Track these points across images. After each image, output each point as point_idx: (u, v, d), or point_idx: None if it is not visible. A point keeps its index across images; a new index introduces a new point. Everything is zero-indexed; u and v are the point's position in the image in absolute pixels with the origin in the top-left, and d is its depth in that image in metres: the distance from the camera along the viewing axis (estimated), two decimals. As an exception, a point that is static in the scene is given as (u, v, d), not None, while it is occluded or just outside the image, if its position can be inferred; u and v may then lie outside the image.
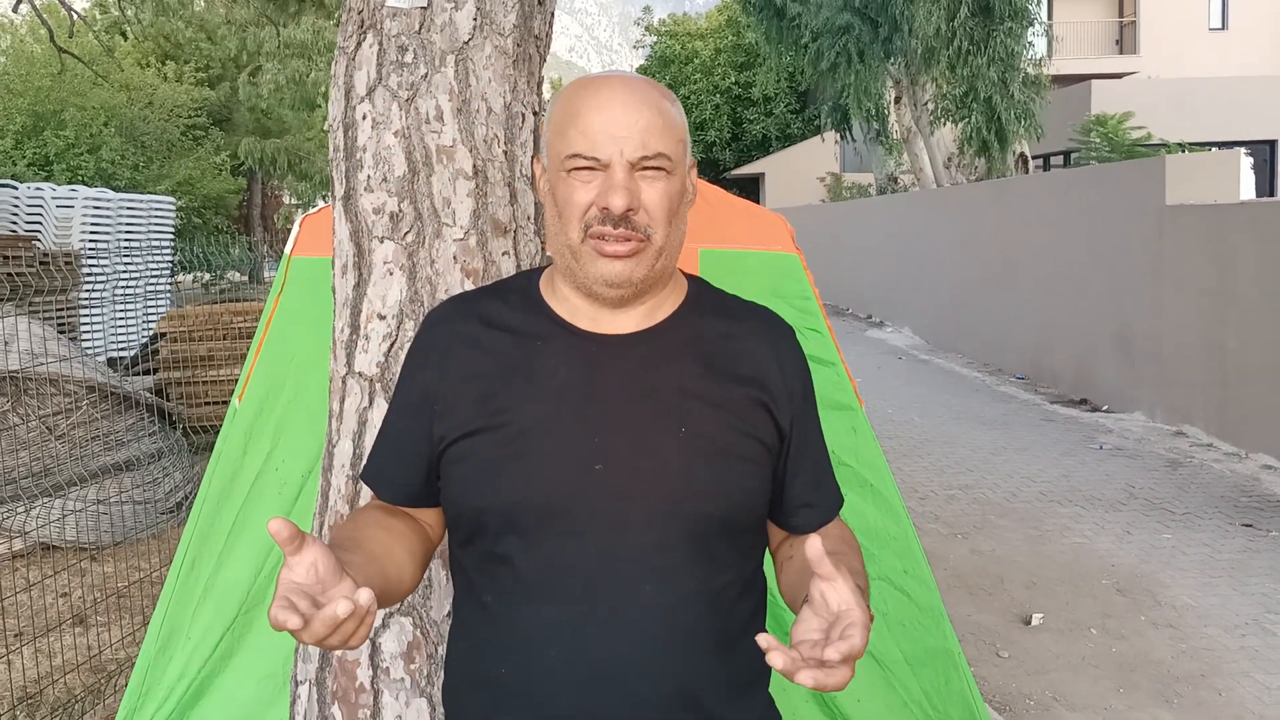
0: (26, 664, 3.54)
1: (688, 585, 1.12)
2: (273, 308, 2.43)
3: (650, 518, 1.10)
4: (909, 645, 2.27)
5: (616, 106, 1.10)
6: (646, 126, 1.10)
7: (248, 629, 2.21)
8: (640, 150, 1.10)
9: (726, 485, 1.13)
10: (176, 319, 7.14)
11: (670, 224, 1.14)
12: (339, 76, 1.78)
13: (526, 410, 1.13)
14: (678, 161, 1.14)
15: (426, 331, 1.24)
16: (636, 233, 1.11)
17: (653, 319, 1.19)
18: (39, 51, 18.94)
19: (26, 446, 5.15)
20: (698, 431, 1.13)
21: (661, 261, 1.14)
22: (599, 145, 1.10)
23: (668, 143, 1.12)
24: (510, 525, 1.12)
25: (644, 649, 1.10)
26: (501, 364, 1.16)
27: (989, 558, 4.70)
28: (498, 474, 1.12)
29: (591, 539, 1.10)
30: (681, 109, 1.18)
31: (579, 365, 1.15)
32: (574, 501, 1.10)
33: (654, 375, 1.15)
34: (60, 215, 9.65)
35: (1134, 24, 24.57)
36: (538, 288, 1.23)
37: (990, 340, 10.59)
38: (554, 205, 1.15)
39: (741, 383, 1.17)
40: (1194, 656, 3.65)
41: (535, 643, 1.11)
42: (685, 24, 35.87)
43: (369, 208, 1.72)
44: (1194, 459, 6.38)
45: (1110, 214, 8.16)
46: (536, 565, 1.11)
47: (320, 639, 0.90)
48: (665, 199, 1.12)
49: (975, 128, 13.75)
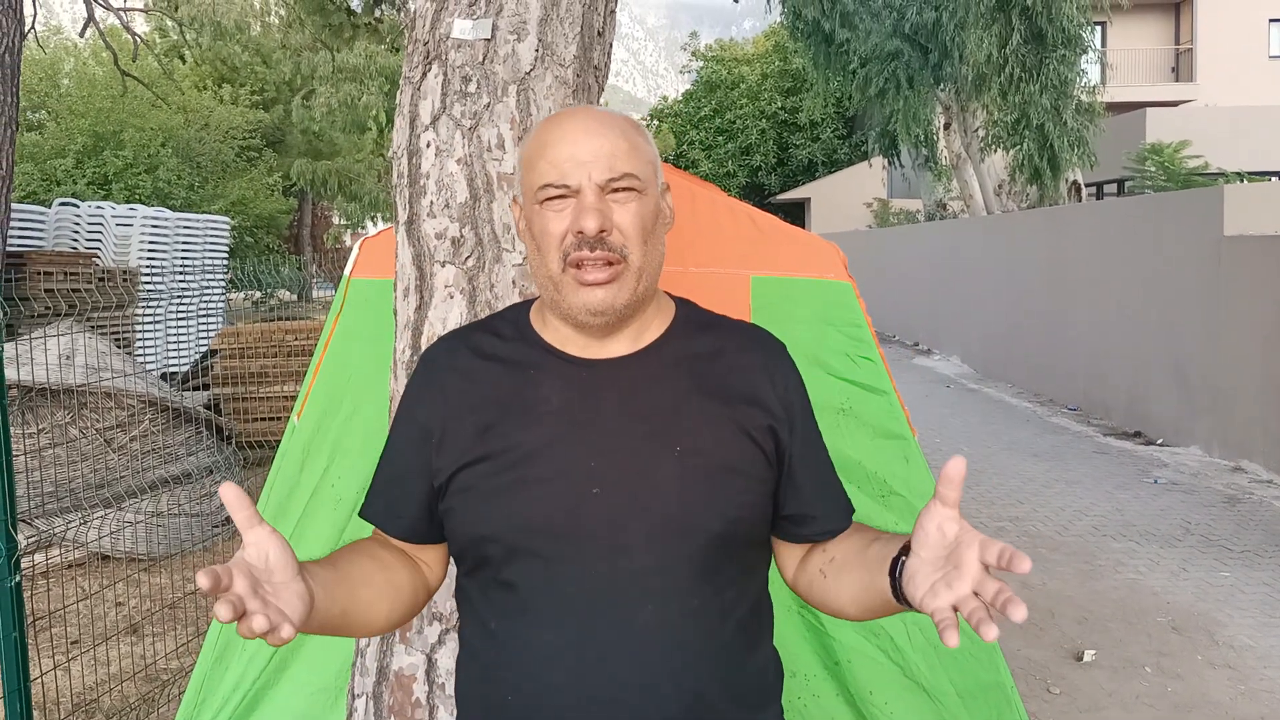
0: (85, 671, 3.61)
1: (690, 604, 1.13)
2: (332, 327, 2.48)
3: (649, 538, 1.11)
4: (960, 678, 2.24)
5: (580, 134, 1.14)
6: (612, 150, 1.14)
7: (302, 642, 2.25)
8: (608, 173, 1.13)
9: (724, 501, 1.14)
10: (231, 336, 7.29)
11: (646, 244, 1.15)
12: (404, 105, 1.83)
13: (523, 438, 1.15)
14: (648, 182, 1.16)
15: (423, 369, 1.26)
16: (613, 253, 1.13)
17: (641, 342, 1.20)
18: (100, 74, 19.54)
19: (85, 459, 5.28)
20: (693, 449, 1.14)
21: (642, 284, 1.16)
22: (568, 173, 1.13)
23: (635, 164, 1.15)
24: (511, 551, 1.13)
25: (647, 670, 1.10)
26: (497, 394, 1.18)
27: (1040, 592, 4.62)
28: (497, 502, 1.14)
29: (591, 562, 1.11)
30: (650, 137, 1.21)
31: (572, 391, 1.17)
32: (573, 525, 1.12)
33: (646, 396, 1.17)
34: (120, 233, 9.92)
35: (1190, 51, 24.24)
36: (528, 319, 1.25)
37: (1041, 370, 10.44)
38: (532, 239, 1.18)
39: (734, 399, 1.18)
40: (1254, 699, 3.55)
41: (539, 666, 1.12)
42: (732, 49, 36.01)
43: (431, 233, 1.76)
44: (1253, 495, 6.23)
45: (1166, 244, 8.03)
46: (538, 589, 1.13)
47: (224, 620, 0.88)
48: (638, 219, 1.15)
49: (1027, 155, 13.63)
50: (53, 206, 9.80)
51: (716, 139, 32.12)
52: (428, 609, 1.66)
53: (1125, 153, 15.76)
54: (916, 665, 2.23)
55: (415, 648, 1.65)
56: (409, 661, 1.65)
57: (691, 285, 1.39)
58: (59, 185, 16.34)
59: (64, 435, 5.31)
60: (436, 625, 1.65)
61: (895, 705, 2.22)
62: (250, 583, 0.91)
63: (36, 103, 18.88)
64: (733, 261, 2.43)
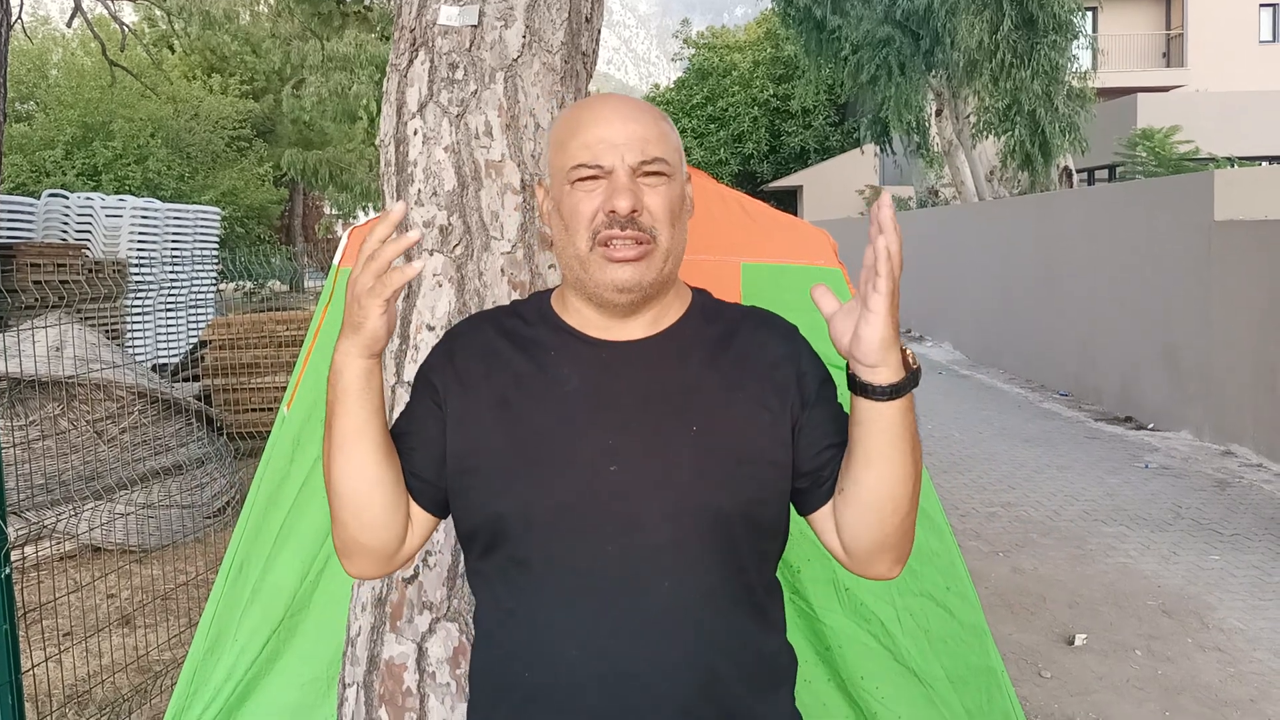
0: (77, 663, 3.61)
1: (705, 582, 1.14)
2: (321, 317, 2.46)
3: (664, 516, 1.13)
4: (951, 663, 2.25)
5: (615, 119, 1.18)
6: (644, 135, 1.17)
7: (293, 633, 2.24)
8: (640, 155, 1.16)
9: (739, 481, 1.15)
10: (221, 327, 7.27)
11: (673, 226, 1.19)
12: (391, 93, 1.82)
13: (542, 416, 1.17)
14: (675, 168, 1.20)
15: (445, 343, 1.29)
16: (643, 233, 1.15)
17: (659, 325, 1.22)
18: (89, 65, 19.42)
19: (76, 450, 5.27)
20: (709, 429, 1.16)
21: (668, 265, 1.19)
22: (601, 154, 1.16)
23: (665, 149, 1.19)
24: (528, 529, 1.15)
25: (662, 646, 1.12)
26: (516, 374, 1.21)
27: (1031, 576, 4.64)
28: (515, 479, 1.15)
29: (607, 539, 1.13)
30: (674, 126, 1.25)
31: (591, 371, 1.19)
32: (590, 503, 1.13)
33: (664, 377, 1.19)
34: (109, 225, 9.86)
35: (1181, 36, 24.25)
36: (550, 304, 1.28)
37: (1032, 356, 10.47)
38: (560, 219, 1.21)
39: (750, 380, 1.20)
40: (1243, 681, 3.58)
41: (556, 644, 1.14)
42: (724, 36, 35.89)
43: (419, 221, 1.75)
44: (1243, 479, 6.26)
45: (1157, 229, 8.04)
46: (555, 567, 1.14)
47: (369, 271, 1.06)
48: (667, 201, 1.18)
49: (1018, 141, 13.64)
50: (42, 198, 9.74)
51: (708, 127, 32.05)
52: (418, 597, 1.66)
53: (1116, 138, 15.77)
54: (907, 650, 2.24)
55: (406, 637, 1.65)
56: (399, 650, 1.65)
57: (682, 272, 1.40)
58: (48, 176, 16.26)
59: (54, 427, 5.30)
60: (427, 614, 1.65)
61: (886, 690, 2.22)
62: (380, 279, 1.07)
63: (25, 94, 18.77)
64: (723, 248, 2.42)
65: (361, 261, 1.07)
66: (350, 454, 1.16)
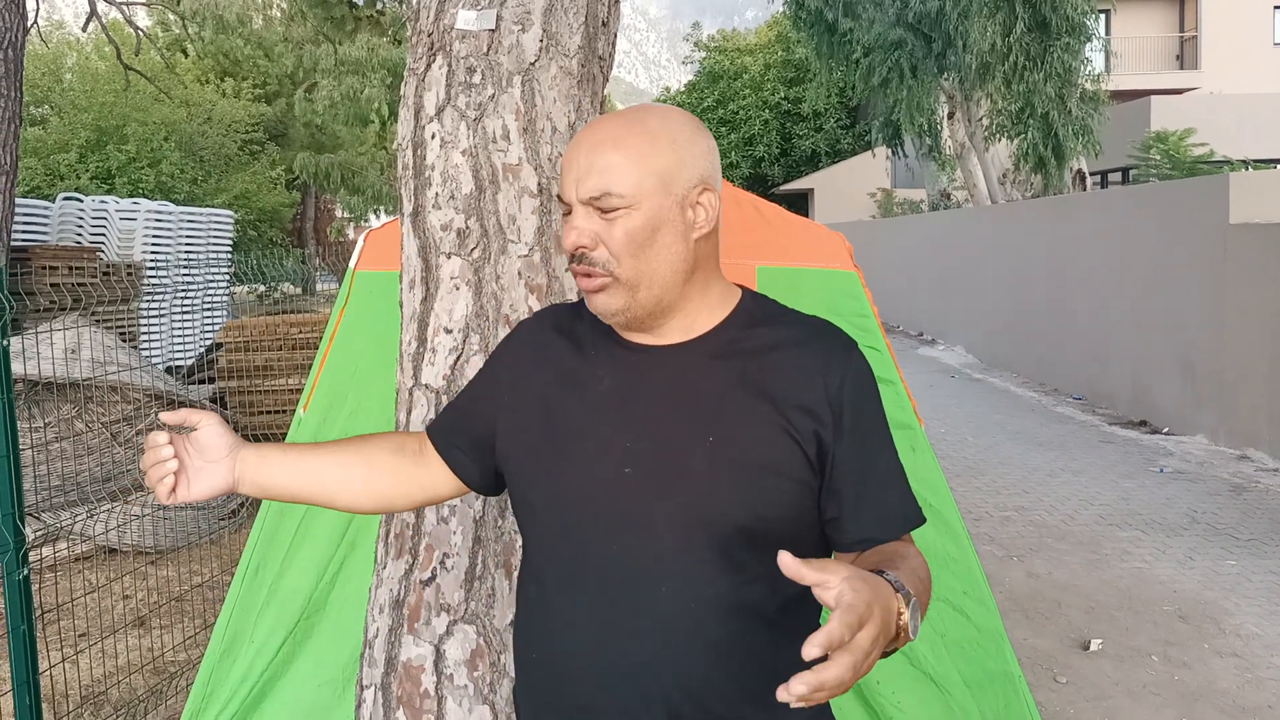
0: (93, 664, 3.63)
1: (707, 591, 1.13)
2: (337, 320, 2.48)
3: (671, 521, 1.13)
4: (968, 667, 2.24)
5: (583, 148, 1.16)
6: (604, 166, 1.14)
7: (309, 635, 2.25)
8: (588, 191, 1.15)
9: (751, 495, 1.13)
10: (235, 329, 7.28)
11: (637, 257, 1.15)
12: (408, 97, 1.82)
13: (571, 413, 1.21)
14: (643, 195, 1.14)
15: (515, 330, 1.37)
16: (595, 268, 1.15)
17: (692, 332, 1.21)
18: (103, 69, 19.53)
19: (92, 452, 5.30)
20: (726, 440, 1.15)
21: (641, 293, 1.16)
22: (564, 187, 1.18)
23: (623, 181, 1.13)
24: (547, 521, 1.20)
25: (656, 649, 1.13)
26: (559, 369, 1.25)
27: (1046, 581, 4.62)
28: (542, 471, 1.21)
29: (616, 539, 1.15)
30: (678, 141, 1.17)
31: (622, 373, 1.21)
32: (603, 502, 1.16)
33: (689, 385, 1.18)
34: (123, 228, 9.91)
35: (1195, 39, 24.13)
36: None
37: (1045, 359, 10.42)
38: None
39: (778, 396, 1.16)
40: (1261, 687, 3.55)
41: (560, 634, 1.18)
42: (735, 39, 35.89)
43: (437, 224, 1.75)
44: (1259, 484, 6.22)
45: (1171, 233, 8.00)
46: (565, 560, 1.19)
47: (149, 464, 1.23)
48: (624, 235, 1.14)
49: (1031, 144, 13.58)
50: (56, 201, 9.80)
51: (720, 130, 32.02)
52: (436, 599, 1.66)
53: (1130, 141, 15.71)
54: (924, 655, 2.23)
55: (423, 639, 1.65)
56: (417, 652, 1.65)
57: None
58: (62, 180, 16.35)
59: (70, 429, 5.32)
60: (445, 616, 1.66)
61: (903, 695, 2.22)
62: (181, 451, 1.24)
63: (40, 98, 18.88)
64: (738, 252, 2.42)
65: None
66: (314, 498, 1.34)
